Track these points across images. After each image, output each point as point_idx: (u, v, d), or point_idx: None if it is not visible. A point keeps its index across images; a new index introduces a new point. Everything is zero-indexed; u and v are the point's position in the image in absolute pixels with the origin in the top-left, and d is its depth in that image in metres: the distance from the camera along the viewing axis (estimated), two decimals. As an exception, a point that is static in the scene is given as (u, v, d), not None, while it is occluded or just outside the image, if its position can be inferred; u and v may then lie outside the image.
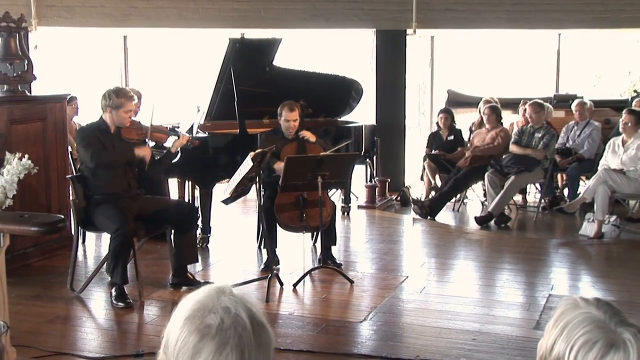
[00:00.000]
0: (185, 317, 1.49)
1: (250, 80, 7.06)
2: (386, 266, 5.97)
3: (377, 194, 8.54)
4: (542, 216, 8.02)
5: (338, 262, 5.85)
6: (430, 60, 10.12)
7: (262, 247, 6.26)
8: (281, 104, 6.02)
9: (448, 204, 8.20)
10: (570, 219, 7.65)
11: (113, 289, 4.96)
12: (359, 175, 8.83)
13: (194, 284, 5.24)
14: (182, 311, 1.51)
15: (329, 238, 5.81)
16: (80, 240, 5.90)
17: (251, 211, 8.01)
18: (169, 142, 5.53)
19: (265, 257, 5.83)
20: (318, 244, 6.16)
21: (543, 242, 6.95)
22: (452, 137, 8.67)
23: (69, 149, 6.50)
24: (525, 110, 8.13)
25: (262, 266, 5.80)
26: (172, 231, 5.26)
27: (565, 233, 7.53)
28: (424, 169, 8.68)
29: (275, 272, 5.34)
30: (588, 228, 7.00)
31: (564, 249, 6.65)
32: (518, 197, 8.52)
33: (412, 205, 8.08)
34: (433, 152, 8.65)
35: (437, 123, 8.86)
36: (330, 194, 6.35)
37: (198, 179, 6.48)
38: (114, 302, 4.91)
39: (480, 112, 8.61)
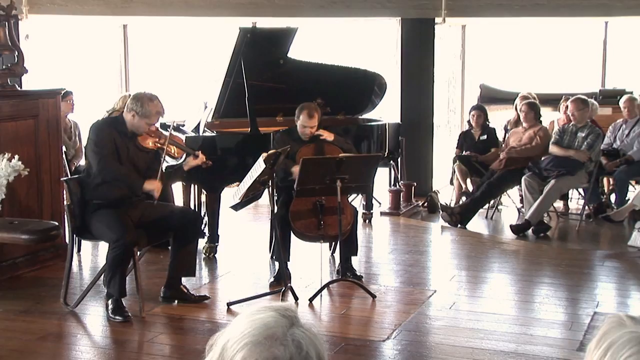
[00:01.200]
0: (250, 340, 1.48)
1: (262, 74, 7.08)
2: (412, 279, 5.94)
3: (401, 199, 8.52)
4: (586, 225, 7.96)
5: (358, 274, 5.84)
6: (461, 51, 10.08)
7: (274, 258, 6.26)
8: (300, 106, 5.99)
9: (480, 210, 8.16)
10: (617, 228, 7.59)
11: (109, 301, 4.97)
12: (382, 179, 8.81)
13: (187, 299, 5.26)
14: (246, 332, 1.50)
15: (349, 248, 5.80)
16: (75, 250, 5.93)
17: (263, 218, 8.01)
18: (183, 158, 5.54)
19: (277, 270, 5.84)
20: (337, 255, 6.15)
21: (587, 254, 6.90)
22: (485, 137, 8.63)
23: (63, 148, 6.54)
24: (567, 107, 8.08)
25: (272, 279, 5.81)
26: (172, 239, 5.26)
27: (612, 244, 7.46)
28: (453, 172, 8.64)
29: (289, 285, 5.34)
30: (638, 238, 6.93)
31: (611, 261, 6.60)
32: (559, 204, 8.47)
33: (441, 212, 8.05)
34: (464, 153, 8.61)
35: (469, 121, 8.82)
36: (350, 199, 6.34)
37: (205, 183, 6.49)
38: (111, 315, 4.93)
39: (516, 109, 8.56)
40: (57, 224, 4.86)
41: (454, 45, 10.10)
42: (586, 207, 8.03)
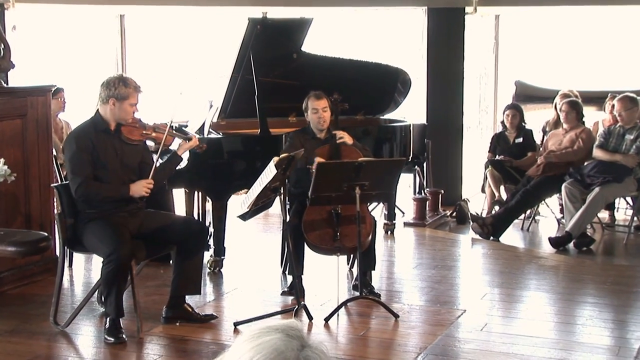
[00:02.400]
0: None
1: (273, 70, 7.10)
2: (439, 297, 5.93)
3: (427, 208, 8.51)
4: (635, 238, 7.92)
5: (376, 291, 5.84)
6: (494, 45, 10.07)
7: (287, 272, 6.27)
8: (305, 98, 6.10)
9: (515, 221, 8.14)
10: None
11: (107, 321, 4.99)
12: (406, 186, 8.80)
13: (192, 319, 5.27)
14: (255, 357, 1.51)
15: (367, 262, 5.80)
16: (66, 263, 5.95)
17: (274, 229, 8.02)
18: (175, 145, 5.57)
19: (289, 283, 5.86)
20: (355, 269, 6.15)
21: (636, 271, 6.86)
22: (520, 140, 8.61)
23: (54, 151, 6.57)
24: (613, 106, 8.05)
25: (285, 289, 5.85)
26: (175, 252, 5.28)
27: (662, 259, 7.43)
28: (485, 178, 8.62)
29: (302, 303, 5.34)
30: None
31: (662, 278, 6.57)
32: (604, 214, 8.43)
33: (471, 223, 8.03)
34: (497, 157, 8.59)
35: (503, 122, 8.80)
36: (370, 208, 6.34)
37: (210, 190, 6.51)
38: (105, 336, 4.95)
39: (556, 108, 8.54)
40: (46, 234, 4.89)
41: (487, 37, 10.08)
42: (635, 218, 7.99)
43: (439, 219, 8.55)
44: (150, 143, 5.53)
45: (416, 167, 8.58)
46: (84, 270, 6.73)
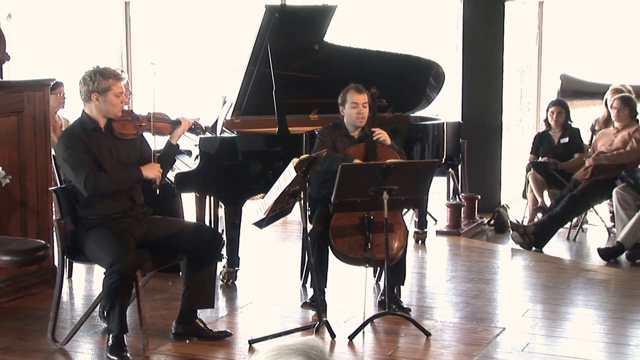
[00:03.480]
0: None
1: (293, 62, 7.10)
2: (475, 314, 5.92)
3: (462, 215, 8.49)
4: (693, 249, 7.86)
5: (406, 307, 5.84)
6: (537, 34, 10.03)
7: (307, 284, 6.27)
8: (343, 90, 6.09)
9: (560, 230, 8.10)
10: None
11: (109, 337, 5.01)
12: (439, 191, 8.78)
13: (204, 336, 5.28)
14: None
15: (396, 275, 5.79)
16: (65, 274, 5.98)
17: (293, 237, 8.02)
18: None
19: (310, 296, 5.87)
20: (382, 283, 6.14)
21: (694, 285, 6.82)
22: (566, 139, 8.58)
23: (53, 152, 6.60)
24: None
25: (306, 300, 5.87)
26: (185, 262, 5.29)
27: None
28: (527, 182, 8.59)
29: (324, 319, 5.34)
30: None
31: None
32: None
33: (511, 232, 8.00)
34: (540, 159, 8.56)
35: (546, 120, 8.77)
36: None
37: (223, 194, 6.53)
38: (108, 355, 4.96)
39: (606, 105, 8.49)
40: (44, 242, 4.90)
41: (529, 26, 10.05)
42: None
43: (475, 227, 8.53)
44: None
45: (450, 169, 8.55)
46: (84, 282, 6.76)
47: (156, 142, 5.53)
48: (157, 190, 5.29)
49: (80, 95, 5.24)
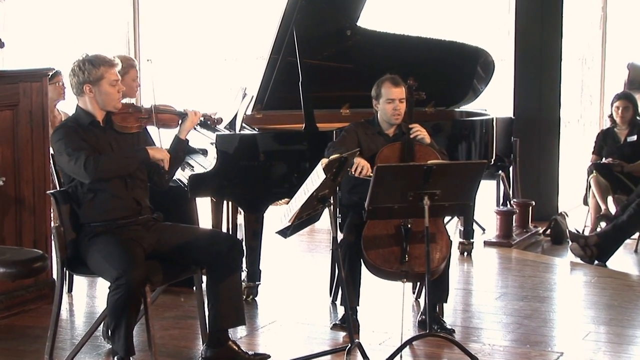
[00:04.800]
0: None
1: (322, 50, 7.12)
2: (529, 336, 5.90)
3: (514, 224, 8.46)
4: None
5: (449, 327, 5.83)
6: (601, 18, 9.99)
7: (337, 302, 6.27)
8: (377, 81, 6.06)
9: (627, 241, 8.06)
10: None
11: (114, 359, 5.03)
12: (487, 196, 8.75)
13: (239, 359, 5.30)
14: None
15: (438, 292, 5.77)
16: (65, 289, 6.00)
17: (321, 248, 8.03)
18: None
19: (341, 315, 5.86)
20: (422, 300, 6.13)
21: None
22: (634, 138, 8.53)
23: (51, 150, 6.64)
24: None
25: (336, 322, 5.86)
26: (206, 277, 5.31)
27: None
28: (589, 186, 8.56)
29: (356, 341, 5.34)
30: None
31: None
32: None
33: (570, 243, 7.97)
34: (604, 160, 8.52)
35: (611, 115, 8.73)
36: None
37: (242, 199, 6.54)
38: (112, 380, 4.99)
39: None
40: (41, 252, 4.92)
41: (592, 9, 10.00)
42: None
43: (528, 238, 8.50)
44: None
45: (500, 172, 8.53)
46: (86, 298, 6.79)
47: (161, 138, 5.56)
48: (167, 176, 5.35)
49: (71, 89, 5.26)
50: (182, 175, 6.56)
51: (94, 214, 5.17)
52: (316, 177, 5.03)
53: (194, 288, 5.45)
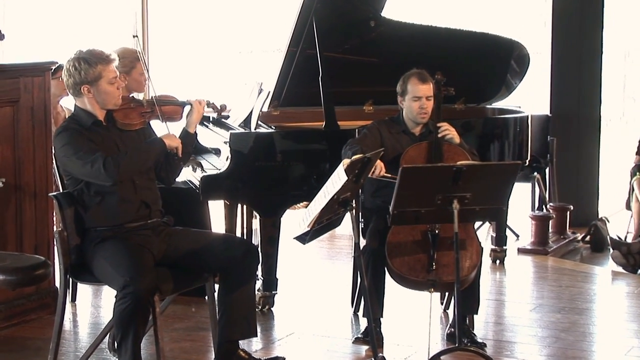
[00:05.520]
0: None
1: (344, 42, 7.13)
2: (566, 351, 5.89)
3: (551, 230, 8.44)
4: None
5: (480, 341, 5.84)
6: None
7: (359, 313, 6.28)
8: (403, 76, 6.06)
9: (674, 249, 8.03)
10: None
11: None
12: (521, 200, 8.74)
13: None
14: None
15: (468, 302, 5.77)
16: (68, 298, 6.03)
17: (343, 255, 8.03)
18: (184, 120, 5.63)
19: (364, 328, 5.87)
20: (451, 311, 6.14)
21: None
22: (681, 137, 8.52)
23: (54, 149, 6.66)
24: None
25: (358, 335, 5.86)
26: (219, 285, 5.33)
27: None
28: (632, 189, 8.53)
29: (380, 355, 5.35)
30: None
31: None
32: None
33: (611, 251, 7.95)
34: (648, 161, 8.51)
35: (656, 113, 8.71)
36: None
37: (258, 203, 6.55)
38: (119, 395, 5.01)
39: None
40: (43, 259, 4.94)
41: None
42: None
43: (566, 245, 8.48)
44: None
45: (535, 173, 8.52)
46: (91, 307, 6.81)
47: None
48: (182, 163, 5.39)
49: (67, 89, 5.26)
50: (193, 177, 6.58)
51: (101, 218, 5.19)
52: (337, 178, 5.04)
53: (206, 297, 5.47)
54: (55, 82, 7.13)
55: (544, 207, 8.67)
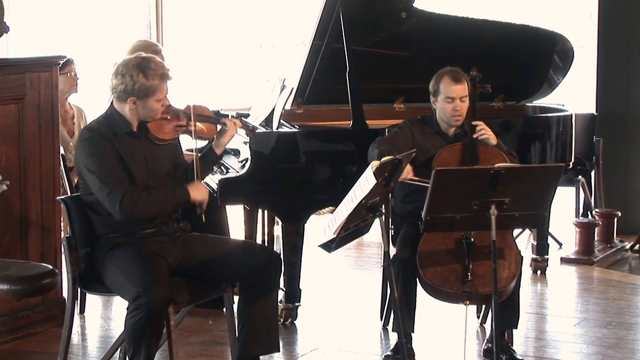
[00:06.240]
0: None
1: (373, 35, 7.13)
2: (614, 369, 5.90)
3: (596, 238, 8.42)
4: None
5: (520, 357, 5.83)
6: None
7: (388, 327, 6.29)
8: (436, 74, 6.06)
9: None
10: None
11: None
12: (564, 205, 8.72)
13: None
14: None
15: (506, 315, 5.76)
16: (77, 309, 6.06)
17: (371, 264, 8.04)
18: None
19: (394, 344, 5.88)
20: (488, 326, 6.14)
21: None
22: None
23: (61, 150, 6.67)
24: None
25: (389, 352, 5.87)
26: (238, 296, 5.34)
27: None
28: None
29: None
30: None
31: None
32: None
33: (662, 261, 7.95)
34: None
35: None
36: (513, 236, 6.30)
37: (279, 207, 6.57)
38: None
39: None
40: (51, 267, 4.96)
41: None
42: None
43: (613, 254, 8.46)
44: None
45: (580, 177, 8.51)
46: (101, 319, 6.84)
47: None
48: (204, 217, 5.32)
49: (111, 90, 5.24)
50: (211, 180, 6.60)
51: (113, 224, 5.20)
52: (365, 182, 5.04)
53: (224, 309, 5.48)
54: (64, 77, 7.15)
55: (589, 213, 8.66)
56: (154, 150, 5.31)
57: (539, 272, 7.88)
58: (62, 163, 6.60)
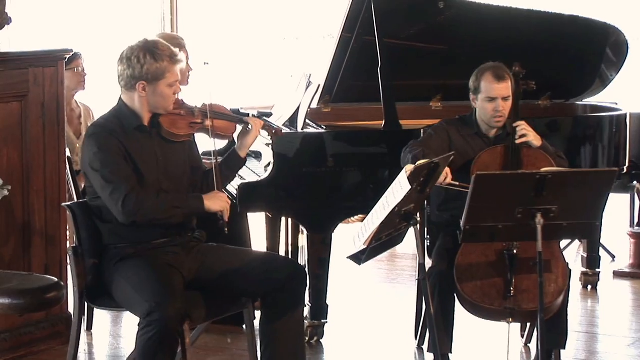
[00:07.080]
0: None
1: (407, 27, 7.14)
2: (670, 394, 5.88)
3: (654, 250, 8.41)
4: None
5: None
6: None
7: (424, 346, 6.30)
8: (477, 70, 6.05)
9: None
10: None
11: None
12: (618, 214, 8.69)
13: None
14: None
15: (553, 334, 5.76)
16: (84, 325, 6.08)
17: (404, 278, 8.04)
18: (236, 136, 5.65)
19: (430, 365, 5.89)
20: (533, 345, 6.13)
21: None
22: None
23: (67, 152, 6.69)
24: None
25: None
26: (260, 312, 5.36)
27: None
28: None
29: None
30: None
31: None
32: None
33: None
34: None
35: None
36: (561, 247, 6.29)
37: (304, 215, 6.58)
38: None
39: None
40: (56, 280, 4.98)
41: None
42: None
43: (673, 268, 8.44)
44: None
45: (635, 183, 8.47)
46: (109, 337, 6.86)
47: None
48: (226, 229, 5.29)
49: (118, 79, 5.26)
50: (230, 185, 6.62)
51: (123, 233, 5.21)
52: (399, 187, 5.04)
53: (244, 327, 5.51)
54: (70, 73, 7.18)
55: (645, 222, 8.64)
56: (166, 148, 5.32)
57: (589, 287, 7.86)
58: (68, 166, 6.60)
